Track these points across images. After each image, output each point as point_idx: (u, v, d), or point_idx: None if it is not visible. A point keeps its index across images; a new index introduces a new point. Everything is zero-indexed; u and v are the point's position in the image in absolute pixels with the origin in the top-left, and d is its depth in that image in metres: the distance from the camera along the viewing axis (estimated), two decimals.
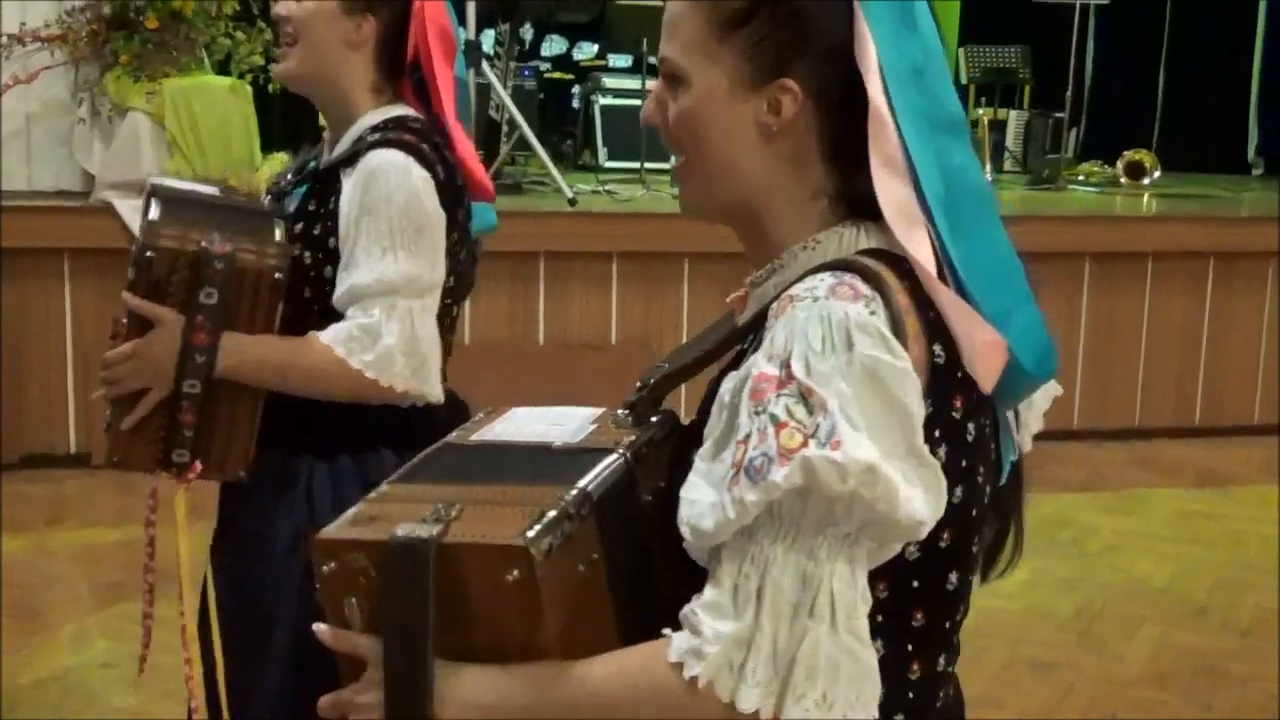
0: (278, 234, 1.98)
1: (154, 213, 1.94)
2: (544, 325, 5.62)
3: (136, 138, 5.41)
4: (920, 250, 1.18)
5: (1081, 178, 8.31)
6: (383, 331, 1.93)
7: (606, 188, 6.36)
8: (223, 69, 5.76)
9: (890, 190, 1.19)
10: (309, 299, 2.00)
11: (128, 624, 4.04)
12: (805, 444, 1.06)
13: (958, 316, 1.17)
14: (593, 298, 5.68)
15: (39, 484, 5.07)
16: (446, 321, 2.06)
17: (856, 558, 1.09)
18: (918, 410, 1.10)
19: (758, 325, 1.20)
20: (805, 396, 1.08)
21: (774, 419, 1.08)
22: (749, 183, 1.24)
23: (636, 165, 6.81)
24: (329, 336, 1.94)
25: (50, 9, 5.46)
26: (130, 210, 5.24)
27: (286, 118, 6.19)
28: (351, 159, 1.98)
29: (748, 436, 1.09)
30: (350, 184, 1.96)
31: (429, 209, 1.97)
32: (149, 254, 1.88)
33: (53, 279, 5.22)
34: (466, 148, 2.13)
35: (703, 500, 1.11)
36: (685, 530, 1.12)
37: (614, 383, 5.37)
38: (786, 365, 1.10)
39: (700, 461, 1.15)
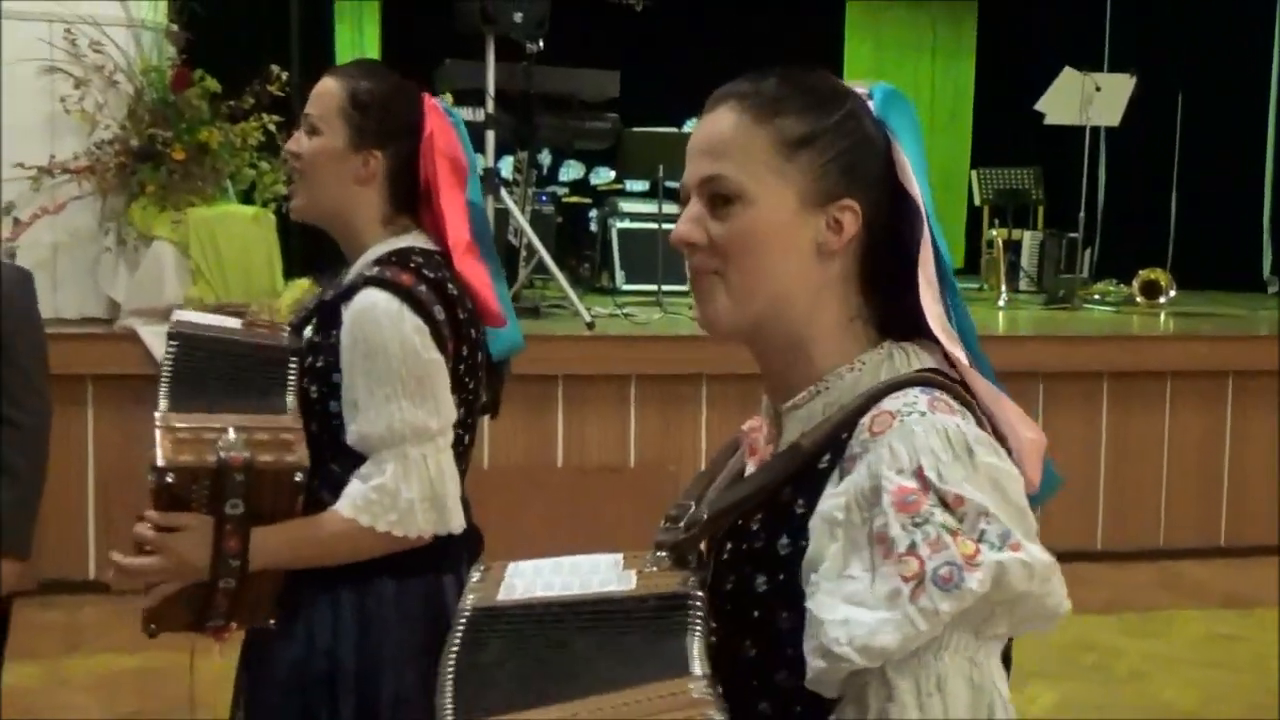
0: (290, 401, 1.97)
1: (164, 401, 1.93)
2: (562, 448, 5.63)
3: (161, 266, 5.50)
4: (964, 362, 1.25)
5: (1097, 297, 8.36)
6: (400, 488, 1.93)
7: (624, 310, 6.41)
8: (246, 198, 5.87)
9: (933, 310, 1.26)
10: (316, 433, 1.99)
11: None
12: (978, 551, 1.10)
13: (1005, 419, 1.25)
14: (610, 420, 5.69)
15: (56, 610, 5.05)
16: (460, 449, 2.07)
17: (996, 654, 1.16)
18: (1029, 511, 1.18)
19: (834, 446, 1.22)
20: (953, 506, 1.12)
21: (945, 528, 1.11)
22: (795, 302, 1.27)
23: (653, 287, 6.88)
24: (349, 508, 1.94)
25: (79, 142, 5.59)
26: (153, 336, 5.31)
27: (308, 245, 6.27)
28: (349, 293, 2.00)
29: (913, 547, 1.11)
30: (347, 322, 1.98)
31: (425, 358, 1.97)
32: (168, 478, 1.87)
33: (76, 405, 5.26)
34: (477, 274, 2.13)
35: (867, 619, 1.11)
36: (845, 651, 1.10)
37: (632, 506, 5.41)
38: (921, 476, 1.14)
39: (825, 582, 1.15)
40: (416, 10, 7.91)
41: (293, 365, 2.02)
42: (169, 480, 1.86)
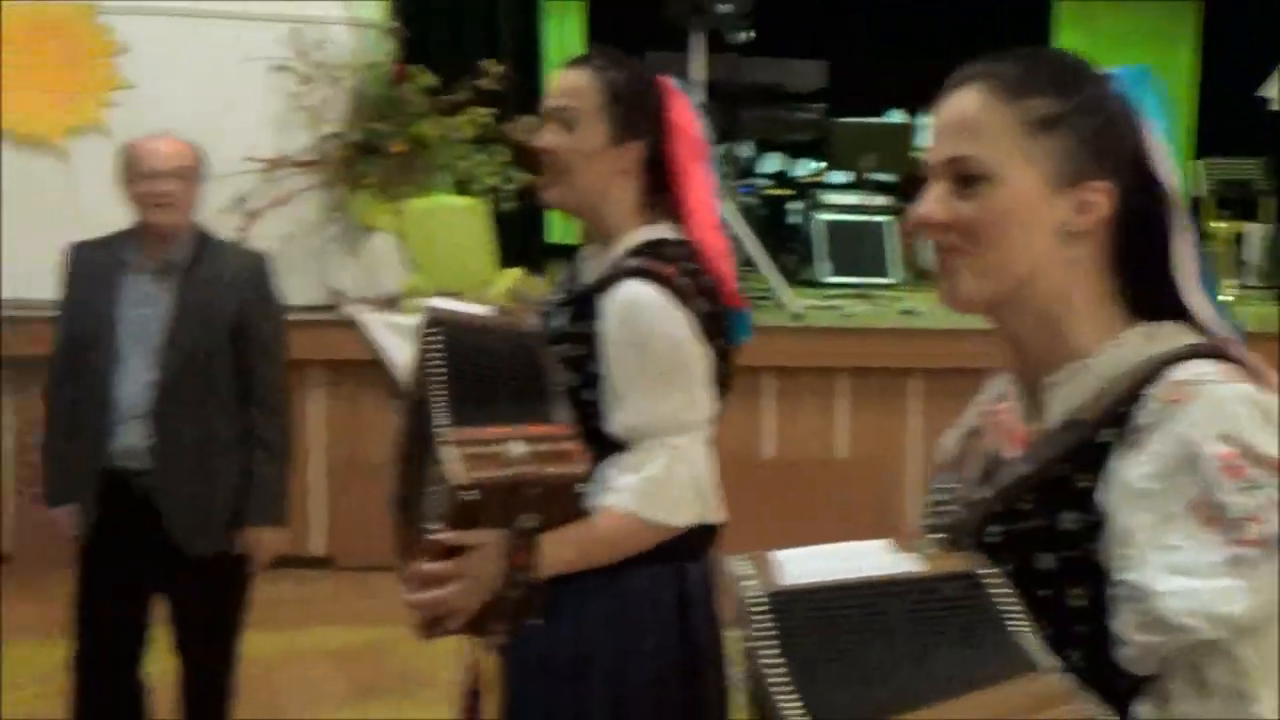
0: (561, 407, 1.94)
1: (445, 414, 1.86)
2: (769, 441, 5.61)
3: (380, 256, 5.67)
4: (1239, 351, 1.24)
5: None
6: (670, 479, 1.94)
7: (831, 302, 6.35)
8: (461, 189, 6.00)
9: (1197, 295, 1.27)
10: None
11: None
12: None
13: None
14: (818, 413, 5.65)
15: (288, 584, 5.26)
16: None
17: None
18: None
19: (1114, 419, 1.21)
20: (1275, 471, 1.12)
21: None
22: (1042, 281, 1.27)
23: (857, 280, 6.80)
24: (628, 502, 1.94)
25: (305, 136, 5.80)
26: (376, 324, 5.49)
27: (519, 235, 6.39)
28: (607, 283, 2.00)
29: (1249, 513, 1.11)
30: (609, 313, 1.97)
31: (690, 350, 1.98)
32: (469, 497, 1.81)
33: (304, 388, 5.47)
34: (723, 257, 2.14)
35: (1208, 587, 1.10)
36: (1191, 622, 1.10)
37: (840, 499, 5.37)
38: (1240, 441, 1.13)
39: (1145, 554, 1.14)
40: (622, 2, 7.99)
41: (552, 363, 1.99)
42: (469, 499, 1.81)
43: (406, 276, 5.75)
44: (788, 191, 8.61)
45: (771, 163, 9.46)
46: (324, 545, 5.61)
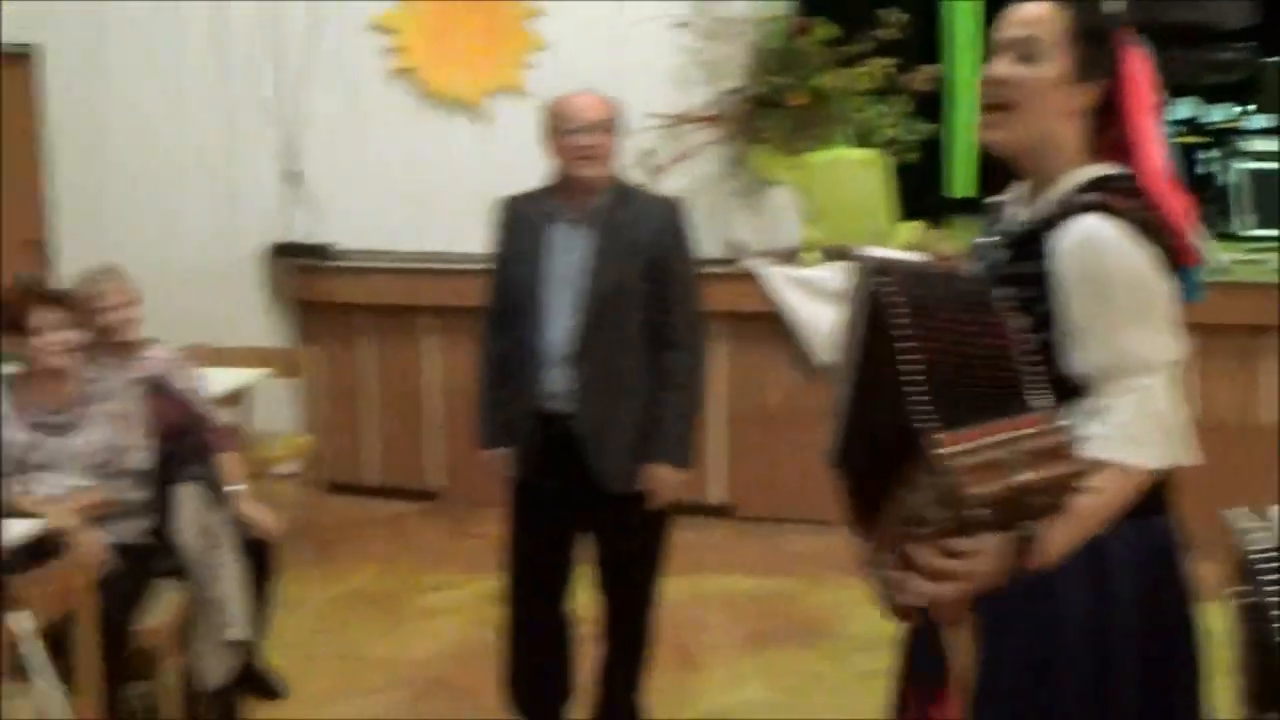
0: (1046, 395, 1.79)
1: (931, 413, 1.73)
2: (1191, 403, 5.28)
3: (780, 209, 5.70)
4: None
5: None
6: (1140, 421, 1.85)
7: (1255, 256, 5.89)
8: (861, 141, 5.93)
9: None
10: None
11: (778, 671, 4.21)
12: None
13: None
14: (1243, 375, 5.28)
15: (689, 532, 5.41)
16: None
17: None
18: None
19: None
20: None
21: None
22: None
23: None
24: (1111, 451, 1.84)
25: (706, 92, 5.89)
26: (775, 276, 5.53)
27: (919, 188, 6.26)
28: (1057, 220, 1.92)
29: None
30: (1063, 250, 1.89)
31: (1155, 284, 1.87)
32: (982, 513, 1.72)
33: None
34: (1179, 207, 2.01)
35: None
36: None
37: (1265, 465, 4.97)
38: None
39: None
40: None
41: (1006, 309, 1.86)
42: (982, 514, 1.74)
43: (804, 230, 5.75)
44: (1201, 139, 8.05)
45: (1183, 108, 8.85)
46: (724, 494, 5.72)
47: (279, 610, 4.00)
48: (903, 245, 5.47)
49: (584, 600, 3.53)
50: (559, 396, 3.29)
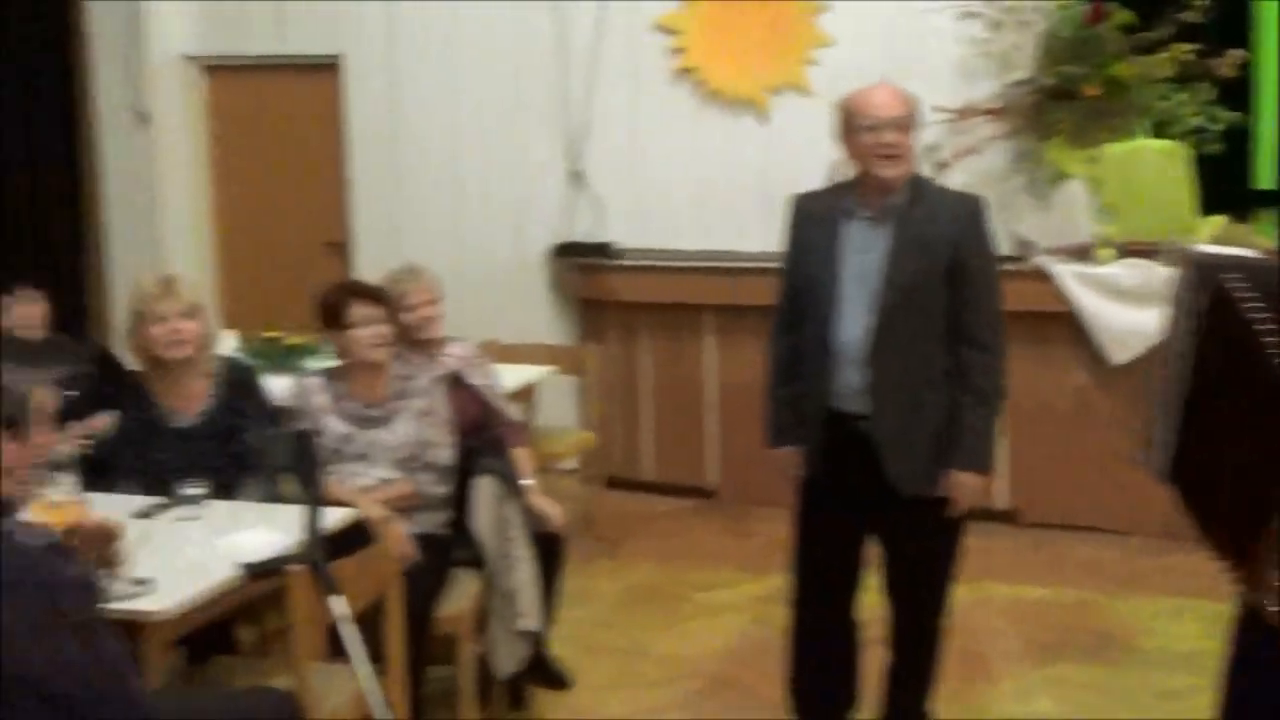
0: None
1: None
2: None
3: (1073, 204, 5.48)
4: None
5: None
6: None
7: None
8: (1160, 132, 5.65)
9: None
10: None
11: (1070, 685, 4.05)
12: None
13: None
14: None
15: (971, 537, 5.27)
16: None
17: None
18: None
19: None
20: None
21: None
22: None
23: None
24: None
25: (992, 84, 5.72)
26: (1066, 275, 5.33)
27: (1223, 180, 5.93)
28: None
29: None
30: None
31: None
32: None
33: None
34: None
35: None
36: None
37: None
38: None
39: None
40: None
41: None
42: None
43: (1099, 226, 5.51)
44: None
45: None
46: (1008, 499, 5.55)
47: (563, 602, 4.09)
48: (1210, 241, 5.18)
49: (870, 604, 3.48)
50: (852, 396, 3.23)
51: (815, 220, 3.31)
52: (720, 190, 6.11)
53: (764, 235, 5.94)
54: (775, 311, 3.44)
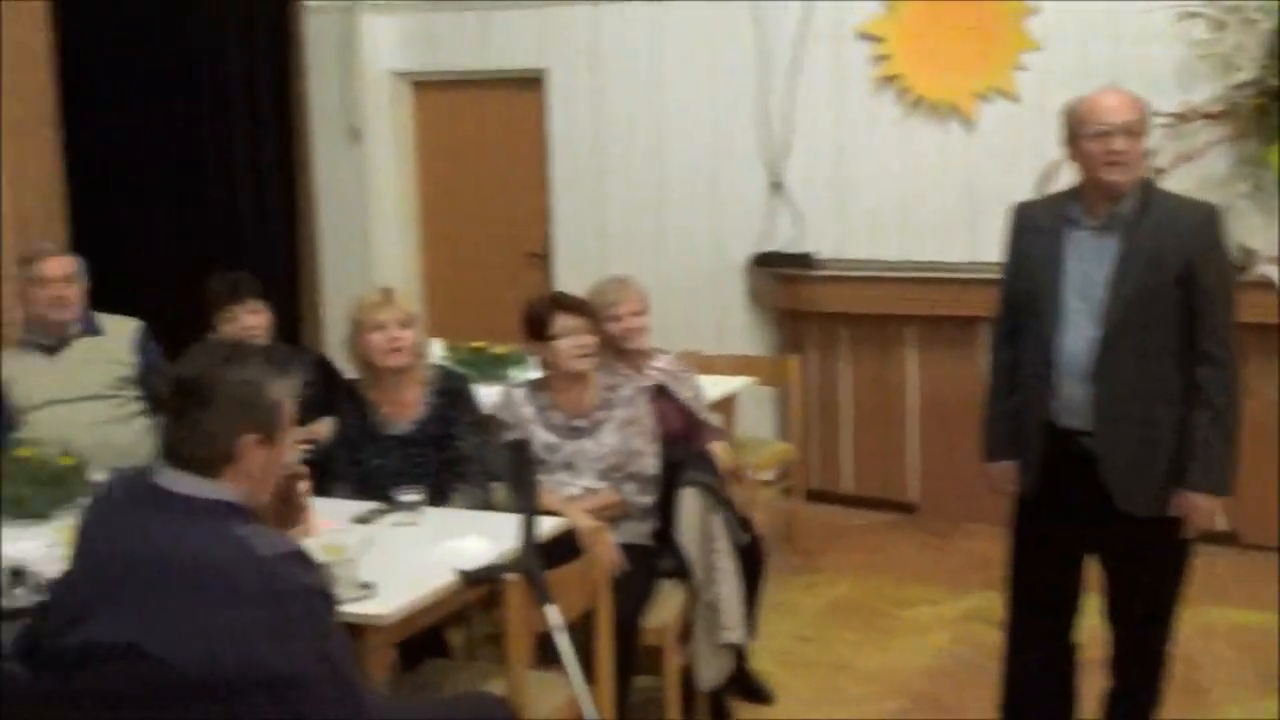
0: None
1: None
2: None
3: None
4: None
5: None
6: None
7: None
8: None
9: None
10: None
11: None
12: None
13: None
14: None
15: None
16: None
17: None
18: None
19: None
20: None
21: None
22: None
23: None
24: None
25: (1214, 87, 5.48)
26: None
27: None
28: None
29: None
30: None
31: None
32: None
33: None
34: None
35: None
36: None
37: None
38: None
39: None
40: None
41: None
42: None
43: None
44: None
45: None
46: (1227, 520, 5.29)
47: (764, 616, 4.06)
48: None
49: (1089, 626, 3.35)
50: (1074, 411, 3.12)
51: (1037, 229, 3.21)
52: (924, 199, 6.00)
53: (969, 245, 5.83)
54: (995, 322, 3.34)
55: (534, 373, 3.96)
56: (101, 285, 4.44)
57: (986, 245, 5.66)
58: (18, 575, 2.61)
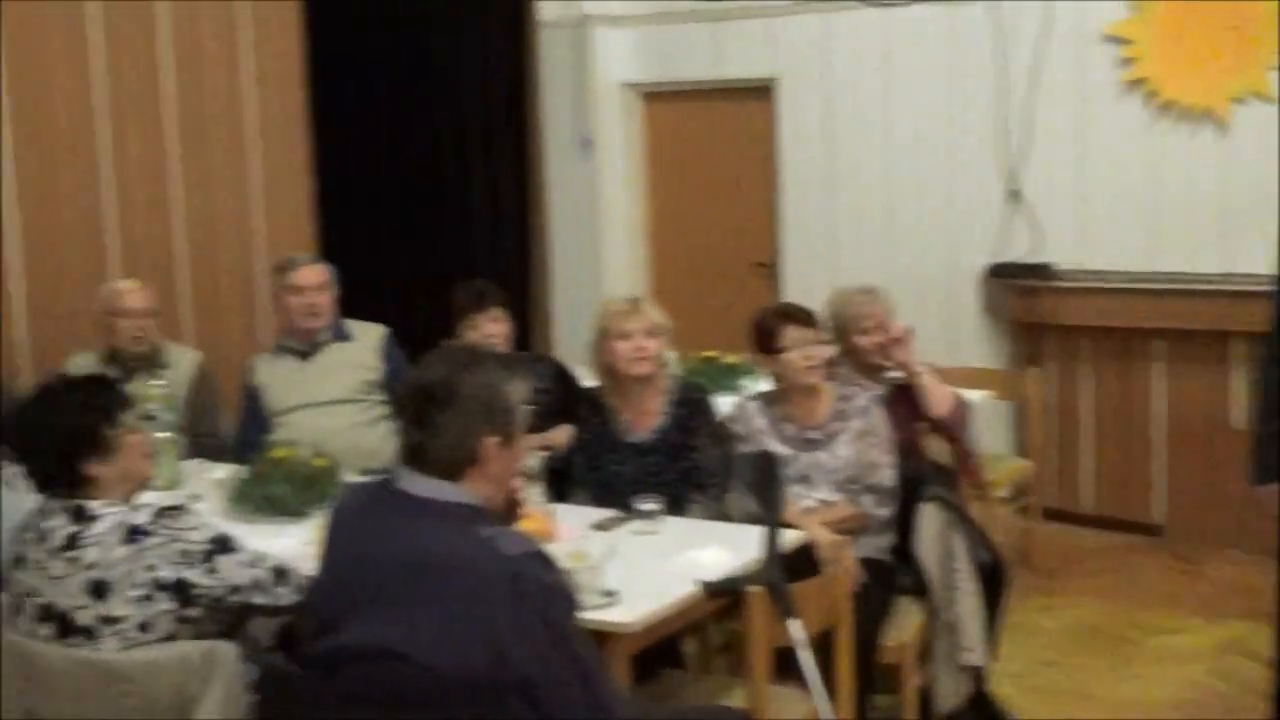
0: None
1: None
2: None
3: None
4: None
5: None
6: None
7: None
8: None
9: None
10: None
11: None
12: None
13: None
14: None
15: None
16: None
17: None
18: None
19: None
20: None
21: None
22: None
23: None
24: None
25: None
26: None
27: None
28: None
29: None
30: None
31: None
32: None
33: None
34: None
35: None
36: None
37: None
38: None
39: None
40: None
41: None
42: None
43: None
44: None
45: None
46: None
47: (1003, 636, 3.92)
48: None
49: None
50: None
51: None
52: (1172, 208, 5.73)
53: (1220, 255, 5.54)
54: (1266, 341, 3.16)
55: (766, 383, 3.93)
56: (347, 293, 4.59)
57: (1240, 255, 5.41)
58: (281, 575, 2.70)
